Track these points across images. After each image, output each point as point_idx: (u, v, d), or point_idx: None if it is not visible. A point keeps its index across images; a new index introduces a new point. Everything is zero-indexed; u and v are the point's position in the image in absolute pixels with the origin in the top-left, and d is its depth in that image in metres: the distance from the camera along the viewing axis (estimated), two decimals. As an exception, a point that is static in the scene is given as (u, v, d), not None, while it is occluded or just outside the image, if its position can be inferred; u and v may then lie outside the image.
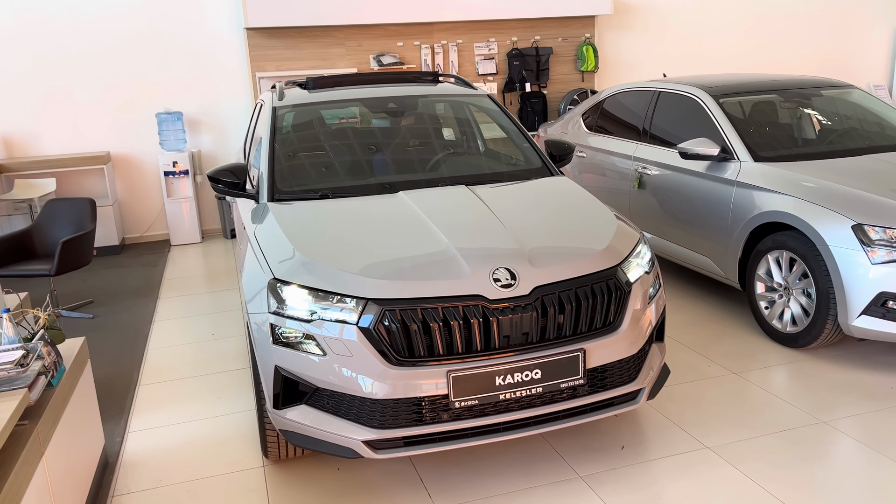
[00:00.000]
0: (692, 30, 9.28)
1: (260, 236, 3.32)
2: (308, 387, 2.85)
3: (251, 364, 3.54)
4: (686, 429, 3.46)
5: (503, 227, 3.17)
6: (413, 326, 2.73)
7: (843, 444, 3.28)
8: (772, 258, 4.34)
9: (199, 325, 5.24)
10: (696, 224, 4.96)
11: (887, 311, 3.77)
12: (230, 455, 3.45)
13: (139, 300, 5.89)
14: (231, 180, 3.77)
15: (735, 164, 4.67)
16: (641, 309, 3.06)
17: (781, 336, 4.32)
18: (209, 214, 8.07)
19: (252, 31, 7.66)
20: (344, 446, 2.80)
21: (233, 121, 7.91)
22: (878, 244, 3.77)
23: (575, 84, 8.84)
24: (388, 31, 8.10)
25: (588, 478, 3.12)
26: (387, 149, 4.13)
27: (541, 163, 4.09)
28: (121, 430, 3.76)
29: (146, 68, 7.56)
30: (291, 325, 2.84)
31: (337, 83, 4.48)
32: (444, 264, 2.89)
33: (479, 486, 3.11)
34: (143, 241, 7.94)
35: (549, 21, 8.56)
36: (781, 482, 3.01)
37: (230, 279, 6.33)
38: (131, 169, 7.75)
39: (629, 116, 5.92)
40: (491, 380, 2.76)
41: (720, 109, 4.97)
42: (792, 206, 4.14)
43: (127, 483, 3.27)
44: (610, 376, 2.98)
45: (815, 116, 5.18)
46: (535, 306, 2.81)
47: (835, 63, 9.97)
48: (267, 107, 4.24)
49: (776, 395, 3.75)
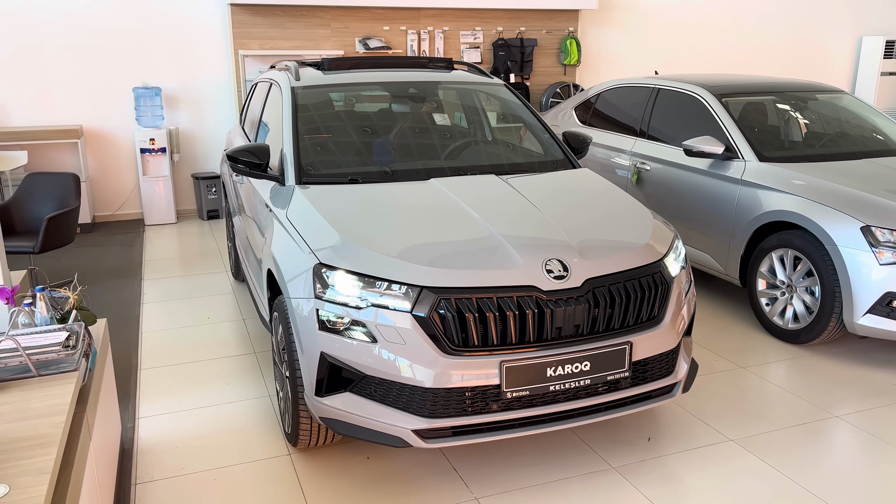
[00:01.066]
0: (671, 28, 9.44)
1: (294, 219, 3.23)
2: (354, 374, 2.79)
3: (274, 349, 3.45)
4: (707, 422, 3.53)
5: (546, 217, 3.16)
6: (469, 315, 2.70)
7: (859, 437, 3.40)
8: (776, 256, 4.46)
9: (190, 308, 5.08)
10: (696, 220, 5.05)
11: (892, 310, 3.92)
12: (252, 443, 3.36)
13: (122, 281, 5.67)
14: (252, 161, 3.66)
15: (740, 163, 4.77)
16: (679, 303, 3.11)
17: (782, 332, 4.45)
18: (184, 194, 7.83)
19: (236, 8, 7.44)
20: (392, 435, 2.76)
21: (213, 98, 7.68)
22: (886, 245, 3.91)
23: (557, 77, 8.89)
24: (375, 14, 7.97)
25: (621, 469, 3.15)
26: (410, 135, 4.06)
27: (562, 154, 4.10)
28: (130, 416, 3.62)
29: (124, 40, 7.25)
30: (339, 311, 2.78)
31: (352, 65, 4.39)
32: (495, 253, 2.87)
33: (514, 476, 3.11)
34: (116, 220, 7.65)
35: (534, 13, 8.57)
36: (807, 473, 3.10)
37: (214, 261, 6.16)
38: (104, 144, 7.45)
39: (626, 112, 5.98)
40: (542, 371, 2.76)
41: (723, 108, 5.07)
42: (800, 206, 4.26)
43: (149, 470, 3.15)
44: (651, 369, 3.01)
45: (812, 119, 5.33)
46: (586, 298, 2.82)
47: (802, 66, 10.30)
48: (283, 87, 4.12)
49: (786, 389, 3.86)
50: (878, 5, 10.52)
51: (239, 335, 4.60)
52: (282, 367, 3.28)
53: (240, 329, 4.70)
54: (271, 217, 3.52)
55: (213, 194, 7.62)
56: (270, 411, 3.65)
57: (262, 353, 4.33)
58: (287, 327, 3.02)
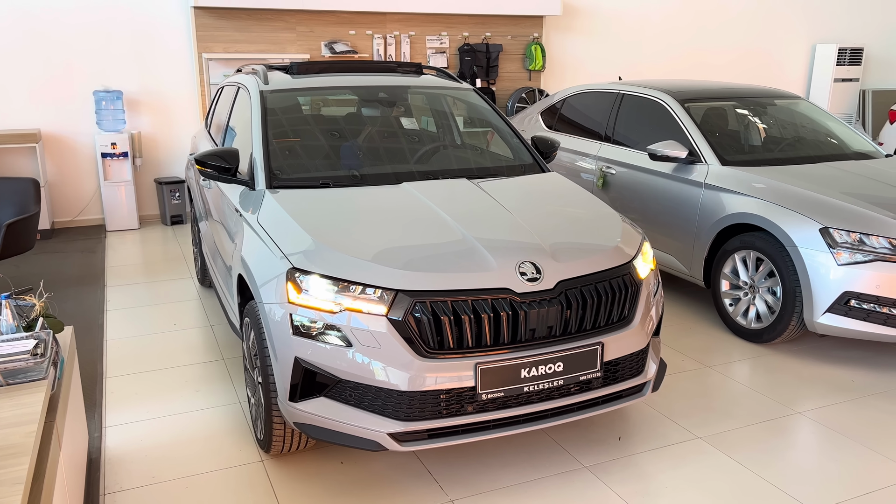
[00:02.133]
0: (634, 34, 9.60)
1: (265, 223, 3.21)
2: (328, 379, 2.79)
3: (246, 355, 3.42)
4: (676, 420, 3.60)
5: (518, 220, 3.20)
6: (444, 318, 2.71)
7: (821, 432, 3.50)
8: (738, 258, 4.56)
9: (156, 315, 5.00)
10: (661, 223, 5.15)
11: (850, 309, 4.04)
12: (223, 450, 3.33)
13: (85, 288, 5.56)
14: (221, 165, 3.62)
15: (702, 166, 4.87)
16: (648, 304, 3.17)
17: (745, 332, 4.55)
18: (147, 200, 7.70)
19: (200, 11, 7.35)
20: (367, 439, 2.76)
21: (176, 102, 7.57)
22: (843, 246, 4.03)
23: (522, 82, 8.97)
24: (341, 18, 7.96)
25: (593, 468, 3.19)
26: (380, 139, 4.07)
27: (531, 158, 4.15)
28: (97, 425, 3.55)
29: (84, 43, 7.12)
30: (313, 316, 2.77)
31: (321, 69, 4.38)
32: (469, 256, 2.89)
33: (488, 477, 3.13)
34: (76, 226, 7.49)
35: (500, 18, 8.64)
36: (774, 469, 3.18)
37: (179, 267, 6.07)
38: (64, 149, 7.29)
39: (591, 116, 6.07)
40: (517, 372, 2.79)
41: (686, 114, 5.18)
42: (761, 209, 4.37)
43: (117, 480, 3.09)
44: (621, 369, 3.06)
45: (771, 124, 5.47)
46: (559, 300, 2.86)
47: (760, 72, 10.56)
48: (252, 91, 4.09)
49: (751, 387, 3.96)
50: (832, 14, 10.85)
51: (207, 341, 4.54)
52: (254, 373, 3.26)
53: (207, 335, 4.64)
54: (241, 222, 3.49)
55: (177, 199, 7.52)
56: (241, 418, 3.61)
57: (231, 359, 4.29)
58: (259, 333, 3.00)
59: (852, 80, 10.89)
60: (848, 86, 10.88)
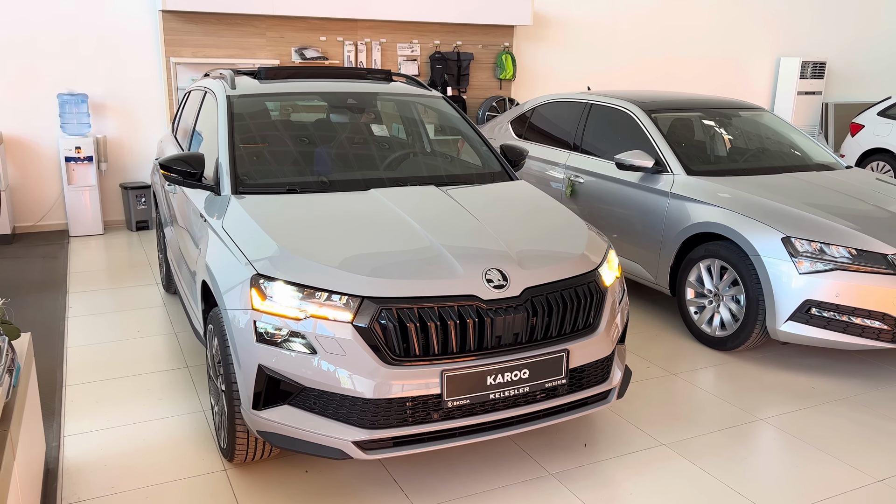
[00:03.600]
0: (603, 45, 9.71)
1: (230, 229, 3.17)
2: (293, 386, 2.76)
3: (209, 363, 3.37)
4: (641, 427, 3.62)
5: (485, 228, 3.20)
6: (410, 325, 2.70)
7: (782, 439, 3.55)
8: (703, 266, 4.62)
9: (119, 321, 4.92)
10: (628, 232, 5.19)
11: (811, 317, 4.11)
12: (185, 459, 3.27)
13: (46, 294, 5.44)
14: (187, 170, 3.58)
15: (668, 176, 4.93)
16: (613, 312, 3.19)
17: (710, 339, 4.61)
18: (112, 205, 7.58)
19: (168, 14, 7.27)
20: (332, 447, 2.73)
21: (143, 106, 7.47)
22: (804, 255, 4.11)
23: (493, 91, 9.01)
24: (312, 24, 7.93)
25: (559, 475, 3.20)
26: (349, 145, 4.05)
27: (500, 167, 4.16)
28: (55, 434, 3.47)
29: (49, 45, 6.99)
30: (277, 323, 2.74)
31: (289, 75, 4.35)
32: (435, 263, 2.88)
33: (454, 485, 3.12)
34: (37, 231, 7.34)
35: (470, 27, 8.68)
36: (736, 475, 3.22)
37: (144, 273, 5.98)
38: (26, 152, 7.14)
39: (560, 126, 6.11)
40: (483, 379, 2.78)
41: (653, 124, 5.24)
42: (726, 218, 4.43)
43: (75, 490, 3.02)
44: (587, 376, 3.08)
45: (736, 135, 5.56)
46: (525, 307, 2.86)
47: (726, 84, 10.74)
48: (219, 95, 4.05)
49: (714, 394, 4.00)
50: (796, 28, 11.09)
51: (170, 349, 4.47)
52: (217, 381, 3.21)
53: (171, 343, 4.57)
54: (206, 227, 3.45)
55: (143, 205, 7.41)
56: (205, 426, 3.56)
57: (196, 367, 4.23)
58: (223, 340, 2.96)
59: (815, 94, 11.13)
60: (811, 98, 11.12)
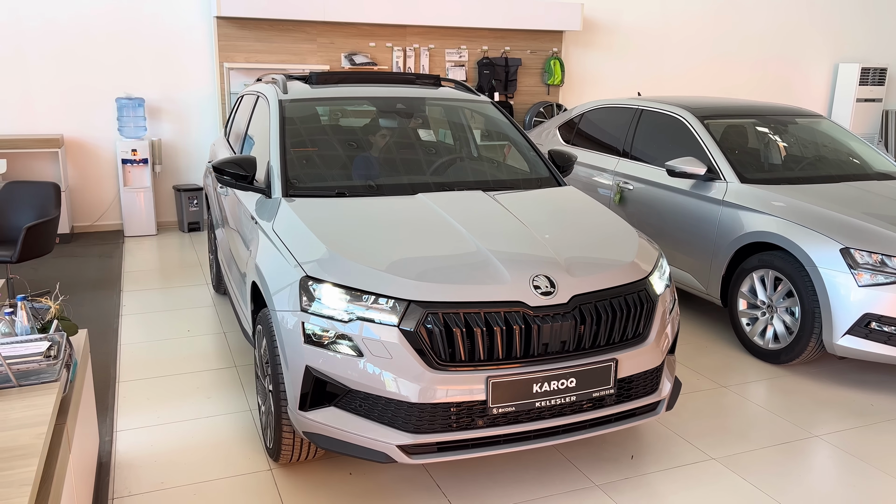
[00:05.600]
0: (653, 50, 9.58)
1: (280, 231, 3.21)
2: (339, 388, 2.77)
3: (257, 363, 3.41)
4: (689, 440, 3.54)
5: (533, 234, 3.18)
6: (456, 330, 2.69)
7: (838, 456, 3.43)
8: (756, 276, 4.51)
9: (170, 320, 5.02)
10: (678, 240, 5.10)
11: (870, 331, 3.97)
12: (232, 458, 3.32)
13: (101, 293, 5.59)
14: (238, 172, 3.64)
15: (721, 184, 4.83)
16: (663, 322, 3.13)
17: (762, 352, 4.49)
18: (165, 206, 7.76)
19: (222, 21, 7.43)
20: (377, 450, 2.74)
21: (196, 110, 7.64)
22: (864, 267, 3.97)
23: (541, 96, 8.97)
24: (361, 30, 8.01)
25: (604, 486, 3.15)
26: (398, 150, 4.07)
27: (548, 172, 4.13)
28: (108, 429, 3.56)
29: (108, 50, 7.21)
30: (325, 325, 2.76)
31: (340, 80, 4.40)
32: (483, 268, 2.87)
33: (497, 493, 3.09)
34: (94, 231, 7.56)
35: (519, 33, 8.66)
36: (789, 493, 3.12)
37: (195, 274, 6.10)
38: (85, 154, 7.37)
39: (609, 131, 6.04)
40: (529, 387, 2.76)
41: (706, 130, 5.14)
42: (781, 228, 4.31)
43: (126, 485, 3.09)
44: (635, 387, 3.02)
45: (791, 142, 5.42)
46: (573, 315, 2.83)
47: (781, 90, 10.49)
48: (271, 99, 4.11)
49: (767, 409, 3.89)
50: (855, 33, 10.77)
51: (219, 348, 4.55)
52: (265, 381, 3.25)
53: (220, 342, 4.65)
54: (256, 229, 3.50)
55: (195, 206, 7.57)
56: (251, 426, 3.60)
57: (244, 366, 4.29)
58: (271, 340, 3.00)
59: (875, 101, 10.79)
60: (871, 106, 10.78)
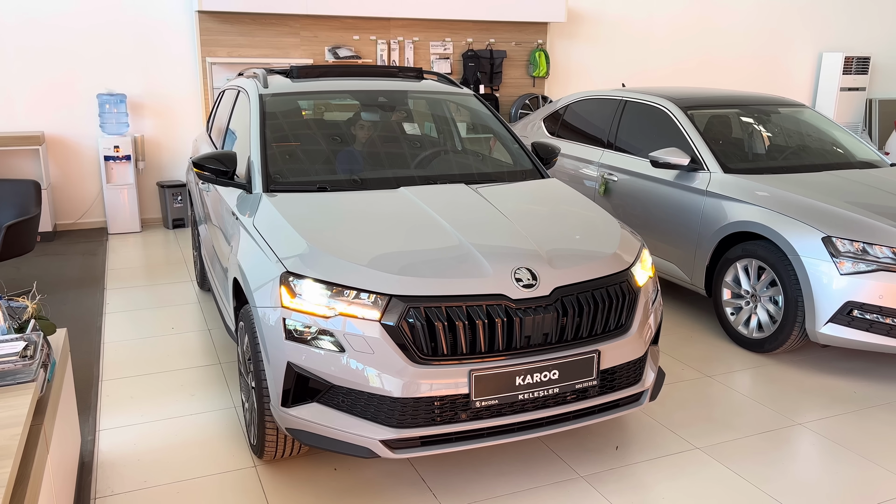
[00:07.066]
0: (638, 41, 9.58)
1: (261, 227, 3.19)
2: (321, 384, 2.76)
3: (240, 359, 3.39)
4: (674, 430, 3.56)
5: (515, 226, 3.17)
6: (438, 324, 2.68)
7: (822, 444, 3.45)
8: (740, 266, 4.52)
9: (154, 318, 4.99)
10: (662, 231, 5.11)
11: (852, 319, 3.99)
12: (216, 455, 3.30)
13: (84, 291, 5.55)
14: (219, 168, 3.61)
15: (705, 174, 4.84)
16: (646, 312, 3.13)
17: (747, 341, 4.51)
18: (149, 203, 7.71)
19: (204, 15, 7.37)
20: (360, 446, 2.73)
21: (179, 106, 7.58)
22: (846, 256, 3.99)
23: (526, 88, 8.95)
24: (345, 23, 7.96)
25: (589, 478, 3.15)
26: (380, 143, 4.05)
27: (531, 164, 4.12)
28: (91, 428, 3.53)
29: (88, 46, 7.13)
30: (306, 320, 2.75)
31: (321, 73, 4.37)
32: (464, 262, 2.86)
33: (483, 486, 3.09)
34: (78, 229, 7.50)
35: (504, 25, 8.63)
36: (773, 481, 3.14)
37: (179, 270, 6.06)
38: (67, 151, 7.30)
39: (594, 123, 6.04)
40: (511, 380, 2.75)
41: (689, 121, 5.15)
42: (764, 217, 4.33)
43: (109, 484, 3.07)
44: (618, 378, 3.02)
45: (775, 132, 5.44)
46: (555, 307, 2.83)
47: (765, 80, 10.52)
48: (251, 94, 4.08)
49: (751, 397, 3.91)
50: (838, 23, 10.81)
51: (204, 345, 4.52)
52: (247, 378, 3.23)
53: (205, 339, 4.62)
54: (237, 225, 3.47)
55: (179, 203, 7.52)
56: (236, 423, 3.59)
57: (228, 363, 4.27)
58: (253, 337, 2.98)
59: (859, 90, 10.84)
60: (854, 95, 10.83)
